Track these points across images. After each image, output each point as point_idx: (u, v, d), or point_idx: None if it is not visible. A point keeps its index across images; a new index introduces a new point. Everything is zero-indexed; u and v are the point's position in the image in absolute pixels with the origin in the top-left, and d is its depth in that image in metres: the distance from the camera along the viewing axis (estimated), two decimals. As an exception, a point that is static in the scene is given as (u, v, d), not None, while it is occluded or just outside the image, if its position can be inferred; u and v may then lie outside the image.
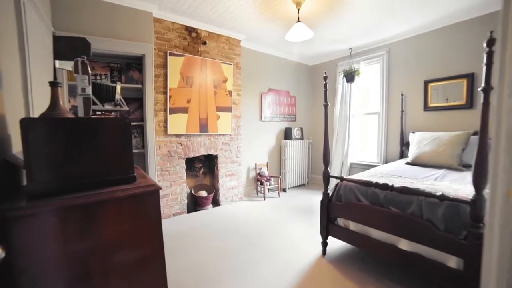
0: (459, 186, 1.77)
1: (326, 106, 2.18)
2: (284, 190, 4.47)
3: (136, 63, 2.95)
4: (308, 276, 1.91)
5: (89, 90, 0.92)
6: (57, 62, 1.00)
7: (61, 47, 0.92)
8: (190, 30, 3.25)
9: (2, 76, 1.02)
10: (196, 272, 1.97)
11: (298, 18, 2.66)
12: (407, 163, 2.84)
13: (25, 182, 0.83)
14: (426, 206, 1.58)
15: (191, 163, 3.60)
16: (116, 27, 2.60)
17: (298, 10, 2.67)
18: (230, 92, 3.62)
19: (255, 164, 4.26)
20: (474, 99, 3.01)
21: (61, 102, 1.03)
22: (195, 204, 3.52)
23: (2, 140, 0.98)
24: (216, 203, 3.71)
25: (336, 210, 2.08)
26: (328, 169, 2.19)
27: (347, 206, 1.99)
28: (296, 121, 4.97)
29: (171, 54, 3.06)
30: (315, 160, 5.09)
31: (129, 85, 2.84)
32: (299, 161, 4.70)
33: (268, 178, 4.13)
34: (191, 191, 3.54)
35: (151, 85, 2.87)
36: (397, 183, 1.81)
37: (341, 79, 4.26)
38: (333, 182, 2.30)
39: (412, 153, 2.85)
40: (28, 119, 0.83)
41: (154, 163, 2.91)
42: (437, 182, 1.94)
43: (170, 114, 3.09)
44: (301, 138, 4.77)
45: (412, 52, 3.57)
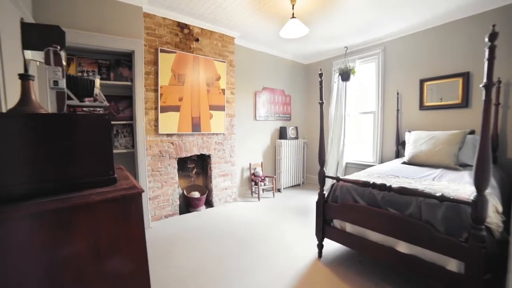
0: (458, 186, 1.72)
1: (321, 104, 2.12)
2: (279, 191, 4.41)
3: (126, 59, 2.84)
4: (304, 280, 1.84)
5: (62, 84, 0.83)
6: (28, 52, 0.91)
7: (30, 36, 0.82)
8: (182, 27, 3.16)
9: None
10: (187, 279, 1.88)
11: (293, 14, 2.60)
12: (404, 163, 2.80)
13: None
14: (425, 207, 1.52)
15: (183, 163, 3.51)
16: (104, 21, 2.49)
17: (293, 6, 2.60)
18: (223, 91, 3.53)
19: (250, 164, 4.19)
20: (470, 98, 2.99)
21: (33, 96, 0.94)
22: (187, 205, 3.43)
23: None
24: (209, 204, 3.62)
25: (332, 211, 2.01)
26: (324, 169, 2.14)
27: (343, 207, 1.93)
28: (291, 120, 4.90)
29: (162, 51, 2.96)
30: (310, 160, 5.04)
31: (118, 82, 2.73)
32: (294, 161, 4.64)
33: (263, 178, 4.06)
34: (183, 192, 3.44)
35: (141, 83, 2.76)
36: (394, 183, 1.75)
37: (336, 77, 4.22)
38: (328, 183, 2.24)
39: (409, 152, 2.81)
40: (-10, 115, 0.74)
41: (144, 164, 2.81)
42: (435, 182, 1.89)
43: (161, 112, 2.99)
44: (296, 138, 4.71)
45: (407, 51, 3.54)
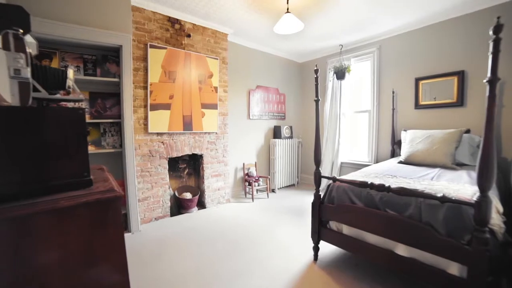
0: (458, 186, 1.67)
1: (317, 102, 2.05)
2: (273, 191, 4.33)
3: (113, 55, 2.71)
4: (299, 284, 1.76)
5: (26, 73, 0.73)
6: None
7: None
8: (173, 22, 3.04)
9: None
10: (178, 285, 1.78)
11: (288, 9, 2.52)
12: (400, 162, 2.75)
13: None
14: (425, 208, 1.46)
15: (174, 164, 3.39)
16: (88, 13, 2.35)
17: (287, 0, 2.52)
18: (216, 88, 3.43)
19: (243, 164, 4.10)
20: (465, 97, 2.97)
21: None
22: (179, 207, 3.31)
23: None
24: (201, 205, 3.51)
25: (328, 213, 1.94)
26: (319, 169, 2.06)
27: (340, 209, 1.86)
28: (285, 119, 4.83)
29: (152, 46, 2.84)
30: (304, 160, 4.98)
31: (105, 78, 2.60)
32: (288, 160, 4.56)
33: (257, 178, 3.97)
34: (174, 193, 3.33)
35: (130, 79, 2.64)
36: (393, 184, 1.69)
37: (331, 76, 4.16)
38: (324, 183, 2.17)
39: (405, 151, 2.77)
40: None
41: (133, 164, 2.69)
42: (434, 182, 1.84)
43: (150, 110, 2.87)
44: (291, 137, 4.64)
45: (403, 49, 3.50)
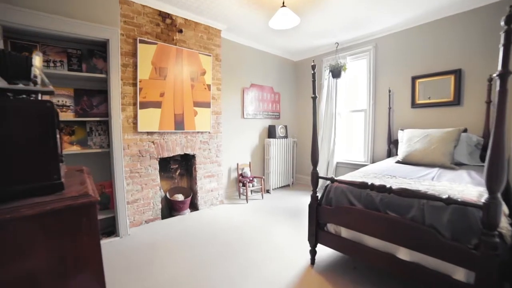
0: (461, 186, 1.61)
1: (314, 99, 1.96)
2: (268, 192, 4.24)
3: (100, 50, 2.57)
4: (296, 292, 1.68)
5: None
6: None
7: None
8: (164, 16, 2.92)
9: None
10: (166, 292, 1.68)
11: (283, 3, 2.43)
12: (398, 162, 2.70)
13: None
14: (428, 210, 1.39)
15: (165, 164, 3.26)
16: (73, 4, 2.21)
17: (283, -5, 2.44)
18: (209, 86, 3.32)
19: (237, 164, 3.99)
20: (462, 96, 2.94)
21: None
22: (170, 209, 3.19)
23: None
24: (194, 207, 3.40)
25: (326, 215, 1.86)
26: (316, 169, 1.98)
27: (338, 211, 1.78)
28: (280, 118, 4.75)
29: (142, 42, 2.72)
30: (300, 160, 4.90)
31: (91, 74, 2.46)
32: (283, 160, 4.48)
33: (251, 179, 3.88)
34: (166, 194, 3.20)
35: (118, 76, 2.51)
36: (393, 184, 1.61)
37: (327, 74, 4.10)
38: (320, 183, 2.08)
39: (403, 151, 2.71)
40: None
41: (121, 164, 2.56)
42: (435, 182, 1.78)
43: (140, 108, 2.74)
44: (286, 137, 4.56)
45: (399, 47, 3.46)
